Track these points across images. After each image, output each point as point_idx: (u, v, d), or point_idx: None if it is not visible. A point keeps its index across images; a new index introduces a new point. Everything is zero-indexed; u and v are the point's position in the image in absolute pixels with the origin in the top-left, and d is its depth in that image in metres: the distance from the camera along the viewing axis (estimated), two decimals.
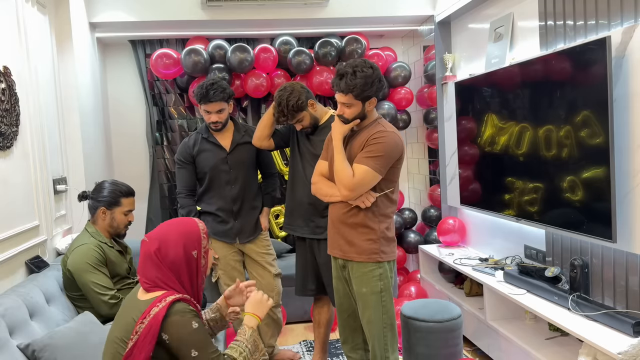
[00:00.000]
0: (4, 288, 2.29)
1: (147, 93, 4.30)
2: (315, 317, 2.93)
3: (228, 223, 2.94)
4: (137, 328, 1.59)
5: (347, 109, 2.21)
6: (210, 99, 2.77)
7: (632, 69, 2.19)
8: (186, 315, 1.62)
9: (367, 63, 2.19)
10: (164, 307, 1.60)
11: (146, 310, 1.61)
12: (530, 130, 2.82)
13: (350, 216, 2.26)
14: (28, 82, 2.71)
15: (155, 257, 1.67)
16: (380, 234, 2.25)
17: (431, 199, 4.47)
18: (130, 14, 3.82)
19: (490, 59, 3.38)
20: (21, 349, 1.90)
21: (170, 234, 1.71)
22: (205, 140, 2.94)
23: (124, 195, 2.63)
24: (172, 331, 1.60)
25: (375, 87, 2.18)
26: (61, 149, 3.20)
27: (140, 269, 1.71)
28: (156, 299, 1.64)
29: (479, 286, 3.31)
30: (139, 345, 1.58)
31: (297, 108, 2.60)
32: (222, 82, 2.86)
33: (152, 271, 1.68)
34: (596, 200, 2.37)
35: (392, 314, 2.32)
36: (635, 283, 2.32)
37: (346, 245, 2.29)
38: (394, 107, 4.29)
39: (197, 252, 1.72)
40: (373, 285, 2.26)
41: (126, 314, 1.68)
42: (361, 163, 2.17)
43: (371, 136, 2.21)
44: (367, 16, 4.07)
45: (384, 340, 2.29)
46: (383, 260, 2.26)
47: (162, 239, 1.69)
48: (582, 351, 2.23)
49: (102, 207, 2.60)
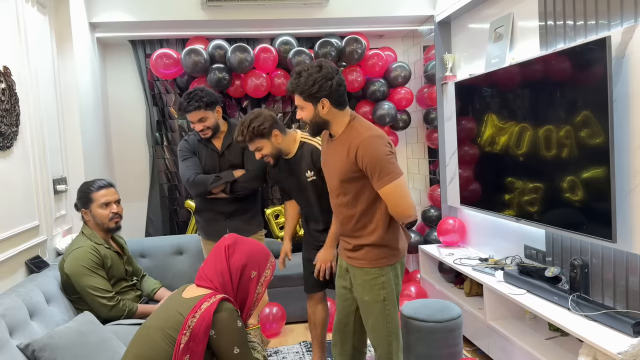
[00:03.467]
0: (4, 288, 2.29)
1: (147, 93, 4.30)
2: (311, 318, 2.91)
3: (220, 222, 2.94)
4: (189, 322, 1.66)
5: (300, 110, 2.16)
6: (185, 109, 2.78)
7: (632, 69, 2.19)
8: (233, 314, 1.71)
9: (317, 64, 2.10)
10: (215, 303, 1.68)
11: (196, 305, 1.68)
12: (530, 130, 2.82)
13: (355, 223, 2.19)
14: (28, 82, 2.71)
15: (223, 252, 1.82)
16: (385, 242, 2.17)
17: (431, 199, 4.47)
18: (130, 14, 3.82)
19: (490, 59, 3.38)
20: (21, 349, 1.90)
21: (246, 243, 1.88)
22: (200, 142, 2.95)
23: (94, 190, 2.63)
24: (219, 327, 1.67)
25: (320, 87, 2.05)
26: (61, 149, 3.20)
27: (206, 260, 1.88)
28: (205, 296, 1.72)
29: (479, 286, 3.31)
30: (194, 338, 1.64)
31: (257, 133, 2.49)
32: (202, 91, 2.80)
33: (211, 265, 1.81)
34: (596, 200, 2.37)
35: (396, 322, 2.24)
36: (635, 283, 2.33)
37: (351, 252, 2.24)
38: (394, 107, 4.29)
39: (256, 275, 1.83)
40: (376, 294, 2.18)
41: (170, 308, 1.75)
42: (381, 187, 2.05)
43: (356, 152, 2.05)
44: (367, 16, 4.07)
45: (388, 349, 2.25)
46: (387, 265, 2.18)
47: (239, 242, 1.86)
48: (582, 351, 2.23)
49: (81, 208, 2.65)
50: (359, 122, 2.16)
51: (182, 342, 1.63)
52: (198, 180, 2.84)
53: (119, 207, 2.69)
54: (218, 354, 1.69)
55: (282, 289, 3.74)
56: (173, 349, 1.65)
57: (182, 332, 1.64)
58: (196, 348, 1.64)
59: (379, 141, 2.06)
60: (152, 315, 1.82)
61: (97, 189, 2.64)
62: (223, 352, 1.68)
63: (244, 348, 1.70)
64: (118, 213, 2.67)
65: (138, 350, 1.71)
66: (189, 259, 3.35)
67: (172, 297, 1.85)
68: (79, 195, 2.67)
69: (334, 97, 2.10)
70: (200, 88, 2.84)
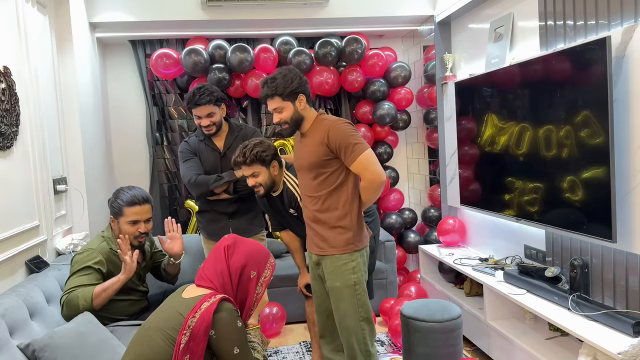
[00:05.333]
0: (4, 288, 2.29)
1: (147, 93, 4.30)
2: (309, 317, 2.92)
3: (223, 222, 2.94)
4: (189, 322, 1.66)
5: (280, 113, 2.27)
6: (197, 102, 2.78)
7: (632, 69, 2.19)
8: (233, 314, 1.71)
9: (282, 69, 2.30)
10: (215, 303, 1.68)
11: (196, 305, 1.68)
12: (530, 130, 2.82)
13: (321, 213, 2.28)
14: (28, 82, 2.71)
15: (223, 252, 1.82)
16: (352, 226, 2.27)
17: (431, 199, 4.47)
18: (130, 14, 3.82)
19: (490, 59, 3.38)
20: (21, 349, 1.91)
21: (245, 243, 1.88)
22: (202, 143, 2.95)
23: (126, 205, 2.50)
24: (219, 327, 1.67)
25: (296, 82, 2.24)
26: (61, 149, 3.20)
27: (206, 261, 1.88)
28: (205, 296, 1.72)
29: (479, 286, 3.31)
30: (194, 338, 1.65)
31: (259, 158, 2.49)
32: (211, 86, 2.86)
33: (211, 265, 1.81)
34: (596, 200, 2.37)
35: (368, 308, 2.32)
36: (635, 283, 2.33)
37: (320, 242, 2.32)
38: (394, 107, 4.29)
39: (255, 275, 1.84)
40: (347, 279, 2.27)
41: (169, 308, 1.76)
42: (354, 160, 2.18)
43: (327, 135, 2.21)
44: (367, 16, 4.07)
45: (362, 334, 2.30)
46: (357, 249, 2.28)
47: (238, 243, 1.86)
48: (582, 351, 2.23)
49: (111, 215, 2.57)
50: (326, 115, 2.35)
51: (182, 342, 1.63)
52: (200, 181, 2.83)
53: (148, 225, 2.57)
54: (218, 354, 1.69)
55: (282, 289, 3.74)
56: (173, 349, 1.65)
57: (182, 332, 1.64)
58: (196, 348, 1.64)
59: (347, 125, 2.25)
60: (152, 316, 1.81)
61: (130, 205, 2.50)
62: (223, 352, 1.68)
63: (244, 348, 1.70)
64: (145, 232, 2.56)
65: (138, 350, 1.71)
66: (189, 258, 3.35)
67: (172, 297, 1.84)
68: (111, 202, 2.57)
69: (307, 92, 2.30)
70: (208, 85, 2.87)
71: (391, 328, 3.37)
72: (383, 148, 4.46)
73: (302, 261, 2.88)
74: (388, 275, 3.88)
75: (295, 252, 2.87)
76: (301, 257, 2.87)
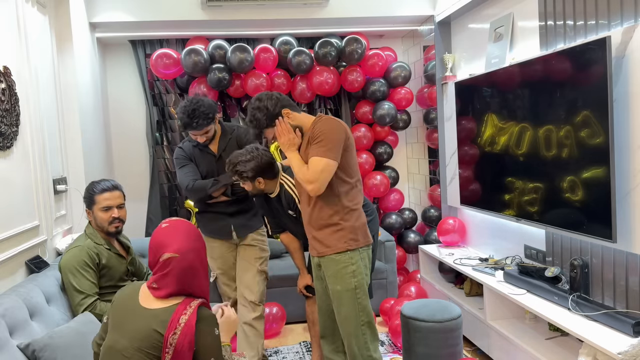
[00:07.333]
0: (4, 288, 2.29)
1: (147, 93, 4.30)
2: (309, 317, 2.93)
3: (223, 220, 2.94)
4: (170, 340, 1.54)
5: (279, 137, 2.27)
6: (195, 128, 2.75)
7: (632, 69, 2.19)
8: (212, 323, 1.61)
9: (252, 100, 2.30)
10: (193, 315, 1.56)
11: (173, 320, 1.55)
12: (530, 130, 2.82)
13: (313, 213, 2.28)
14: (28, 82, 2.71)
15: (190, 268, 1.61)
16: (343, 222, 2.25)
17: (431, 199, 4.47)
18: (130, 14, 3.82)
19: (490, 59, 3.38)
20: (21, 349, 1.90)
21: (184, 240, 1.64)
22: (196, 148, 2.94)
23: (97, 192, 2.57)
24: (199, 339, 1.57)
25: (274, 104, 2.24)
26: (61, 149, 3.20)
27: (166, 281, 1.60)
28: (179, 306, 1.58)
29: (479, 286, 3.31)
30: (178, 355, 1.54)
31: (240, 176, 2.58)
32: (204, 106, 2.74)
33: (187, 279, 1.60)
34: (596, 200, 2.37)
35: (369, 311, 2.31)
36: (635, 283, 2.33)
37: (317, 243, 2.32)
38: (394, 107, 4.30)
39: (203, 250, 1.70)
40: (347, 283, 2.25)
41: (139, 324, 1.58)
42: (310, 156, 2.18)
43: (316, 125, 2.23)
44: (367, 16, 4.08)
45: (363, 339, 2.29)
46: (352, 248, 2.25)
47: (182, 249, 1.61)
48: (582, 351, 2.24)
49: (85, 208, 2.62)
50: (328, 116, 2.32)
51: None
52: (197, 186, 2.83)
53: (121, 211, 2.61)
54: None
55: (282, 289, 3.74)
56: None
57: (165, 351, 1.55)
58: None
59: (339, 125, 2.21)
60: (118, 333, 1.60)
61: (101, 192, 2.57)
62: None
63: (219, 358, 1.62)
64: (119, 218, 2.59)
65: None
66: None
67: (129, 307, 1.63)
68: (84, 195, 2.65)
69: (286, 103, 2.28)
70: (198, 102, 2.74)
71: (391, 328, 3.37)
72: (383, 148, 4.46)
73: (302, 262, 2.88)
74: (388, 275, 3.88)
75: (295, 253, 2.87)
76: (301, 258, 2.87)
